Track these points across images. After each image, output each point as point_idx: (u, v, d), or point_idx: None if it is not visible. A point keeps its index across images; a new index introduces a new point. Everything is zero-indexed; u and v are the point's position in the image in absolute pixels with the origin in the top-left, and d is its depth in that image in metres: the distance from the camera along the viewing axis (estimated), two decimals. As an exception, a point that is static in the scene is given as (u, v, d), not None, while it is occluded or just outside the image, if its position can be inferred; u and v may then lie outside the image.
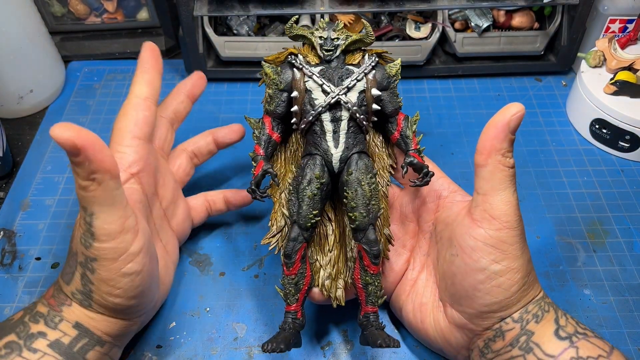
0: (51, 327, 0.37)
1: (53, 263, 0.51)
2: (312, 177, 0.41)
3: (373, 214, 0.41)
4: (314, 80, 0.41)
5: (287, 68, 0.43)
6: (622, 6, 0.64)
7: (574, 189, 0.57)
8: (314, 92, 0.42)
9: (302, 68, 0.42)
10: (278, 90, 0.43)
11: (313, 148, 0.42)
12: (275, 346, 0.38)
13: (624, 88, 0.58)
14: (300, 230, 0.41)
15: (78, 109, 0.67)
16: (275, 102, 0.43)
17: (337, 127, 0.42)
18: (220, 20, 0.68)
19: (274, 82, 0.43)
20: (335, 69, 0.42)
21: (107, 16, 0.71)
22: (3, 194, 0.58)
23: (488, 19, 0.66)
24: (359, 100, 0.42)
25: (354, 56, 0.43)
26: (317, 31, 0.43)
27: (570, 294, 0.49)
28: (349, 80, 0.41)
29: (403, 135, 0.44)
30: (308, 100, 0.42)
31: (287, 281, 0.41)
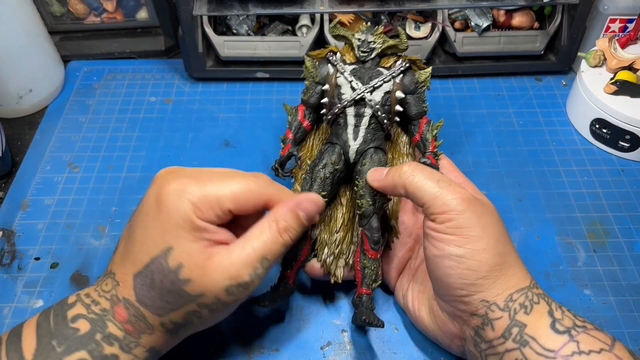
0: (125, 351, 0.36)
1: (52, 263, 0.51)
2: (327, 162, 0.46)
3: (379, 204, 0.44)
4: (344, 76, 0.46)
5: (325, 63, 0.48)
6: (622, 6, 0.64)
7: (574, 188, 0.57)
8: (343, 88, 0.46)
9: (336, 65, 0.47)
10: (314, 82, 0.48)
11: (335, 137, 0.47)
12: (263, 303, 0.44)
13: (624, 88, 0.58)
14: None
15: (77, 108, 0.67)
16: (309, 92, 0.48)
17: (358, 122, 0.46)
18: (220, 20, 0.68)
19: (311, 75, 0.48)
20: (367, 69, 0.46)
21: (106, 16, 0.71)
22: (2, 193, 0.58)
23: (488, 19, 0.66)
24: (383, 100, 0.46)
25: (388, 60, 0.47)
26: (357, 33, 0.47)
27: (570, 294, 0.49)
28: (376, 80, 0.46)
29: (423, 138, 0.48)
30: (337, 94, 0.46)
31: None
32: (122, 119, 0.65)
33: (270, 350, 0.45)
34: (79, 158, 0.61)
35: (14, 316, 0.47)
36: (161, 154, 0.61)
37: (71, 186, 0.58)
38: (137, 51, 0.73)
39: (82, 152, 0.61)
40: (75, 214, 0.55)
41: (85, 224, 0.54)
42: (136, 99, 0.68)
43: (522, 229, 0.54)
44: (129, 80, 0.70)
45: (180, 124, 0.65)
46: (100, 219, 0.55)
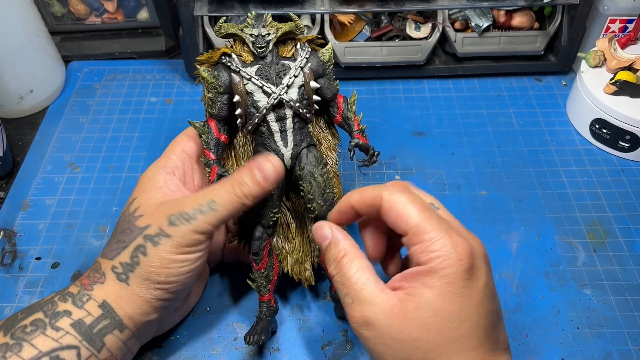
0: (78, 306, 0.38)
1: (53, 263, 0.51)
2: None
3: (329, 201, 0.43)
4: (253, 82, 0.42)
5: (223, 70, 0.42)
6: (622, 6, 0.64)
7: (574, 189, 0.57)
8: (255, 94, 0.42)
9: (239, 71, 0.42)
10: (218, 93, 0.43)
11: (262, 148, 0.43)
12: (257, 338, 0.42)
13: (624, 88, 0.58)
14: (264, 229, 0.43)
15: (78, 109, 0.67)
16: (217, 105, 0.43)
17: (283, 126, 0.43)
18: (220, 20, 0.68)
19: (212, 86, 0.42)
20: (270, 64, 0.42)
21: (107, 16, 0.71)
22: (3, 193, 0.58)
23: (488, 19, 0.66)
24: (300, 96, 0.43)
25: (287, 47, 0.43)
26: (247, 28, 0.42)
27: (570, 293, 0.49)
28: (287, 78, 0.42)
29: (345, 117, 0.46)
30: (250, 102, 0.42)
31: (258, 275, 0.44)
32: (122, 120, 0.65)
33: (270, 350, 0.46)
34: (79, 158, 0.61)
35: (15, 316, 0.48)
36: (162, 154, 0.61)
37: (72, 186, 0.58)
38: (138, 51, 0.73)
39: (83, 153, 0.62)
40: (76, 214, 0.55)
41: (86, 224, 0.55)
42: (137, 99, 0.68)
43: (522, 229, 0.54)
44: (130, 81, 0.70)
45: (181, 124, 0.65)
46: (101, 219, 0.55)
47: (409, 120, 0.65)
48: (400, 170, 0.59)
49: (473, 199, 0.56)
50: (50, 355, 0.35)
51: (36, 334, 0.36)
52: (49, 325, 0.37)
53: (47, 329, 0.36)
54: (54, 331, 0.36)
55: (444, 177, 0.59)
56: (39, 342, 0.36)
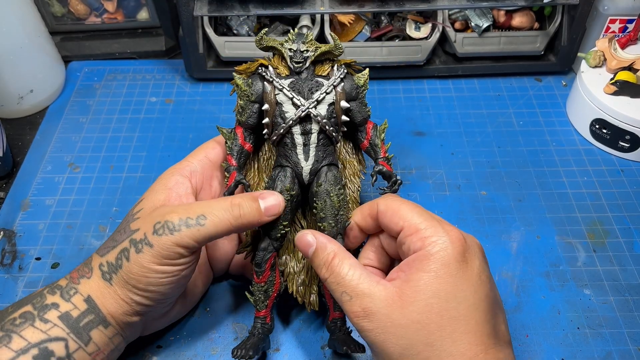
0: (65, 298, 0.38)
1: (53, 263, 0.51)
2: (282, 189, 0.42)
3: (341, 224, 0.43)
4: (284, 93, 0.42)
5: (258, 80, 0.43)
6: (622, 6, 0.64)
7: (574, 189, 0.57)
8: (284, 105, 0.42)
9: (273, 81, 0.42)
10: (249, 101, 0.43)
11: (284, 160, 0.44)
12: (244, 352, 0.41)
13: (624, 88, 0.58)
14: (270, 241, 0.43)
15: (78, 109, 0.67)
16: (246, 113, 0.44)
17: (307, 140, 0.43)
18: (221, 20, 0.68)
19: (245, 94, 0.43)
20: (305, 80, 0.43)
21: (107, 16, 0.71)
22: (3, 194, 0.58)
23: (488, 19, 0.66)
24: (329, 113, 0.43)
25: (323, 67, 0.44)
26: (287, 43, 0.43)
27: (570, 294, 0.49)
28: (319, 94, 0.42)
29: (372, 144, 0.46)
30: (279, 112, 0.43)
31: (257, 288, 0.43)
32: (122, 120, 0.65)
33: (270, 350, 0.46)
34: (79, 158, 0.61)
35: (15, 316, 0.47)
36: (162, 154, 0.61)
37: (72, 186, 0.58)
38: (138, 51, 0.73)
39: (83, 153, 0.62)
40: (76, 214, 0.55)
41: (86, 224, 0.55)
42: (137, 99, 0.68)
43: (522, 229, 0.54)
44: (130, 81, 0.70)
45: (181, 124, 0.65)
46: (101, 219, 0.55)
47: (409, 120, 0.65)
48: (400, 170, 0.59)
49: (473, 199, 0.56)
50: (39, 347, 0.36)
51: (25, 325, 0.36)
52: (37, 317, 0.37)
53: (36, 321, 0.37)
54: (42, 323, 0.37)
55: (444, 177, 0.59)
56: (27, 333, 0.36)
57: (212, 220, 0.38)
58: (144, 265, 0.38)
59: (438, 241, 0.35)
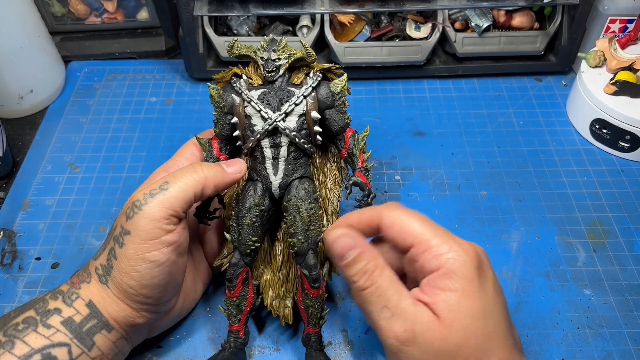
0: (67, 304, 0.38)
1: (53, 263, 0.51)
2: (251, 204, 0.41)
3: (312, 239, 0.41)
4: (252, 105, 0.41)
5: (229, 91, 0.42)
6: (622, 6, 0.64)
7: (574, 189, 0.57)
8: (253, 118, 0.41)
9: (242, 93, 0.41)
10: (222, 113, 0.42)
11: (254, 173, 0.43)
12: None
13: (624, 88, 0.58)
14: (241, 256, 0.42)
15: (78, 109, 0.67)
16: (220, 124, 0.43)
17: (276, 154, 0.42)
18: (221, 20, 0.68)
19: (218, 105, 0.42)
20: (277, 90, 0.41)
21: (107, 16, 0.71)
22: (3, 194, 0.58)
23: (488, 19, 0.66)
24: (299, 125, 0.41)
25: (298, 75, 0.42)
26: (259, 51, 0.42)
27: (570, 294, 0.49)
28: (287, 105, 0.41)
29: (350, 153, 0.44)
30: (248, 125, 0.42)
31: (229, 303, 0.42)
32: (122, 120, 0.65)
33: (270, 350, 0.46)
34: (79, 158, 0.61)
35: (15, 316, 0.48)
36: (162, 154, 0.61)
37: (72, 186, 0.58)
38: (138, 51, 0.73)
39: (83, 153, 0.62)
40: (76, 214, 0.55)
41: (86, 224, 0.55)
42: (137, 99, 0.68)
43: (522, 229, 0.54)
44: (130, 81, 0.70)
45: (181, 124, 0.65)
46: (101, 219, 0.55)
47: (409, 120, 0.65)
48: (400, 170, 0.59)
49: (473, 199, 0.56)
50: (42, 352, 0.36)
51: (28, 331, 0.36)
52: (40, 322, 0.37)
53: (39, 327, 0.36)
54: (45, 329, 0.36)
55: (444, 177, 0.59)
56: (30, 339, 0.36)
57: (175, 183, 0.38)
58: (130, 257, 0.37)
59: (456, 257, 0.34)
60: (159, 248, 0.37)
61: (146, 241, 0.37)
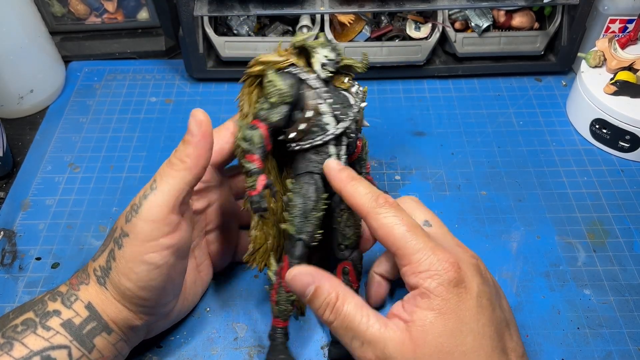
0: (66, 305, 0.38)
1: (53, 263, 0.51)
2: (319, 198, 0.41)
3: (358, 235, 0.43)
4: (327, 104, 0.41)
5: (294, 80, 0.41)
6: (622, 6, 0.64)
7: (574, 189, 0.57)
8: (325, 117, 0.41)
9: (317, 89, 0.41)
10: (283, 102, 0.40)
11: (314, 167, 0.42)
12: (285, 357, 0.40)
13: (624, 88, 0.58)
14: (305, 249, 0.41)
15: (78, 109, 0.67)
16: (278, 113, 0.40)
17: (339, 151, 0.42)
18: (221, 20, 0.68)
19: (280, 94, 0.40)
20: (335, 93, 0.42)
21: (107, 16, 0.71)
22: (3, 194, 0.58)
23: (488, 19, 0.66)
24: (353, 128, 0.43)
25: (341, 79, 0.43)
26: (322, 48, 0.42)
27: (570, 294, 0.49)
28: (354, 113, 0.42)
29: (360, 158, 0.47)
30: (318, 122, 0.41)
31: (285, 298, 0.41)
32: (122, 120, 0.65)
33: (270, 350, 0.46)
34: (79, 158, 0.61)
35: (15, 316, 0.48)
36: (162, 154, 0.61)
37: (72, 186, 0.58)
38: (138, 51, 0.73)
39: (83, 153, 0.62)
40: (76, 214, 0.55)
41: (86, 224, 0.55)
42: (137, 99, 0.68)
43: (522, 229, 0.54)
44: (130, 81, 0.70)
45: (181, 124, 0.65)
46: (101, 219, 0.55)
47: (409, 120, 0.65)
48: (400, 170, 0.59)
49: (473, 199, 0.56)
50: (42, 355, 0.35)
51: (27, 333, 0.36)
52: (40, 324, 0.36)
53: (38, 328, 0.36)
54: (45, 330, 0.36)
55: (444, 177, 0.59)
56: (29, 341, 0.36)
57: (161, 180, 0.37)
58: (128, 259, 0.37)
59: (434, 275, 0.33)
60: (157, 250, 0.37)
61: (144, 243, 0.37)
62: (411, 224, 0.35)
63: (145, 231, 0.37)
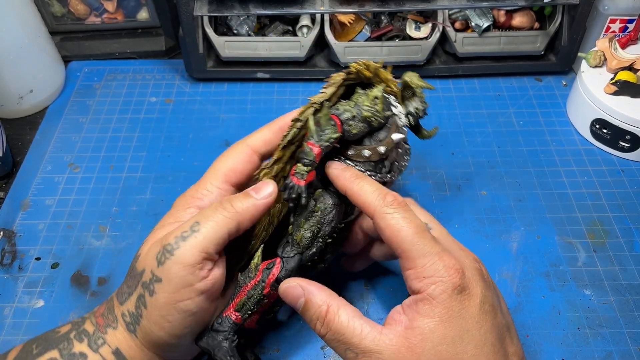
0: (93, 349, 0.36)
1: (53, 263, 0.51)
2: (336, 226, 0.40)
3: None
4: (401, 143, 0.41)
5: (388, 108, 0.40)
6: (623, 6, 0.64)
7: (574, 189, 0.57)
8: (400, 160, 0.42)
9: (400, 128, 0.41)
10: (370, 123, 0.39)
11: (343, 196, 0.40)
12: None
13: (625, 88, 0.58)
14: (299, 264, 0.40)
15: (78, 109, 0.67)
16: (359, 127, 0.39)
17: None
18: (221, 20, 0.68)
19: (376, 114, 0.39)
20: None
21: (107, 16, 0.71)
22: (3, 194, 0.58)
23: (488, 19, 0.66)
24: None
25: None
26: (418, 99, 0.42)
27: (570, 294, 0.49)
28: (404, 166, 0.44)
29: None
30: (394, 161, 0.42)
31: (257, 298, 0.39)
32: (122, 120, 0.65)
33: (270, 351, 0.45)
34: (79, 158, 0.61)
35: (15, 316, 0.47)
36: (162, 154, 0.61)
37: (72, 186, 0.58)
38: (138, 51, 0.73)
39: (83, 153, 0.61)
40: (76, 214, 0.55)
41: (86, 224, 0.55)
42: (137, 99, 0.68)
43: (522, 229, 0.54)
44: (130, 81, 0.70)
45: (181, 124, 0.65)
46: (101, 219, 0.55)
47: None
48: (400, 170, 0.59)
49: (473, 199, 0.56)
50: None
51: None
52: None
53: None
54: None
55: (444, 177, 0.59)
56: None
57: (207, 223, 0.36)
58: (161, 306, 0.35)
59: (438, 282, 0.33)
60: (192, 297, 0.35)
61: (179, 289, 0.35)
62: (419, 226, 0.35)
63: (181, 275, 0.34)
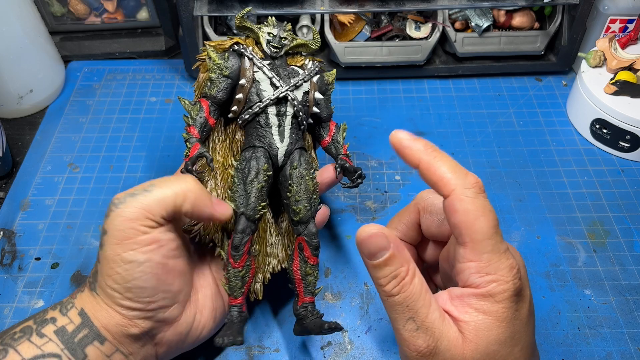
0: (62, 313, 0.37)
1: (53, 263, 0.51)
2: (259, 169, 0.42)
3: (314, 207, 0.43)
4: (263, 72, 0.42)
5: (234, 55, 0.43)
6: (623, 6, 0.64)
7: (574, 189, 0.57)
8: (262, 84, 0.42)
9: (253, 58, 0.43)
10: (222, 75, 0.43)
11: (257, 141, 0.43)
12: (233, 339, 0.38)
13: (625, 88, 0.58)
14: (248, 222, 0.41)
15: (78, 108, 0.67)
16: (216, 87, 0.43)
17: (282, 122, 0.43)
18: (220, 20, 0.68)
19: (218, 67, 0.43)
20: (280, 66, 0.43)
21: (107, 16, 0.71)
22: (3, 194, 0.58)
23: (488, 19, 0.66)
24: (303, 100, 0.44)
25: (296, 59, 0.45)
26: (266, 27, 0.44)
27: (570, 294, 0.49)
28: (297, 79, 0.43)
29: (334, 140, 0.46)
30: (255, 90, 0.43)
31: (234, 274, 0.41)
32: (122, 119, 0.65)
33: (271, 351, 0.45)
34: (79, 158, 0.61)
35: (15, 316, 0.47)
36: (161, 154, 0.61)
37: (72, 186, 0.58)
38: (138, 51, 0.73)
39: (83, 153, 0.61)
40: (76, 214, 0.55)
41: (86, 224, 0.55)
42: (137, 99, 0.68)
43: (522, 229, 0.54)
44: (130, 81, 0.70)
45: (181, 124, 0.64)
46: (101, 219, 0.54)
47: (409, 120, 0.65)
48: (401, 170, 0.59)
49: (473, 199, 0.56)
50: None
51: (22, 340, 0.35)
52: (35, 331, 0.36)
53: (33, 335, 0.35)
54: (38, 338, 0.35)
55: (444, 177, 0.58)
56: (23, 348, 0.35)
57: (160, 188, 0.36)
58: (108, 258, 0.35)
59: (501, 281, 0.31)
60: (135, 248, 0.36)
61: (121, 241, 0.35)
62: (495, 219, 0.32)
63: (122, 228, 0.35)
